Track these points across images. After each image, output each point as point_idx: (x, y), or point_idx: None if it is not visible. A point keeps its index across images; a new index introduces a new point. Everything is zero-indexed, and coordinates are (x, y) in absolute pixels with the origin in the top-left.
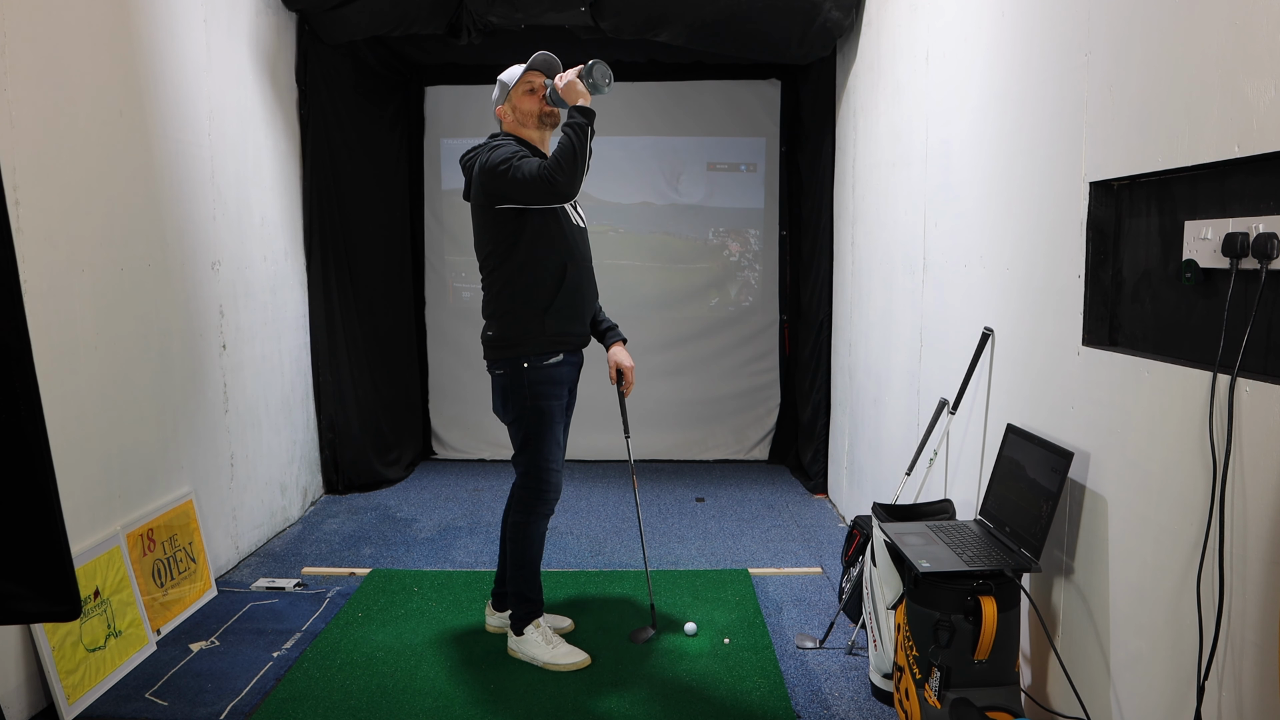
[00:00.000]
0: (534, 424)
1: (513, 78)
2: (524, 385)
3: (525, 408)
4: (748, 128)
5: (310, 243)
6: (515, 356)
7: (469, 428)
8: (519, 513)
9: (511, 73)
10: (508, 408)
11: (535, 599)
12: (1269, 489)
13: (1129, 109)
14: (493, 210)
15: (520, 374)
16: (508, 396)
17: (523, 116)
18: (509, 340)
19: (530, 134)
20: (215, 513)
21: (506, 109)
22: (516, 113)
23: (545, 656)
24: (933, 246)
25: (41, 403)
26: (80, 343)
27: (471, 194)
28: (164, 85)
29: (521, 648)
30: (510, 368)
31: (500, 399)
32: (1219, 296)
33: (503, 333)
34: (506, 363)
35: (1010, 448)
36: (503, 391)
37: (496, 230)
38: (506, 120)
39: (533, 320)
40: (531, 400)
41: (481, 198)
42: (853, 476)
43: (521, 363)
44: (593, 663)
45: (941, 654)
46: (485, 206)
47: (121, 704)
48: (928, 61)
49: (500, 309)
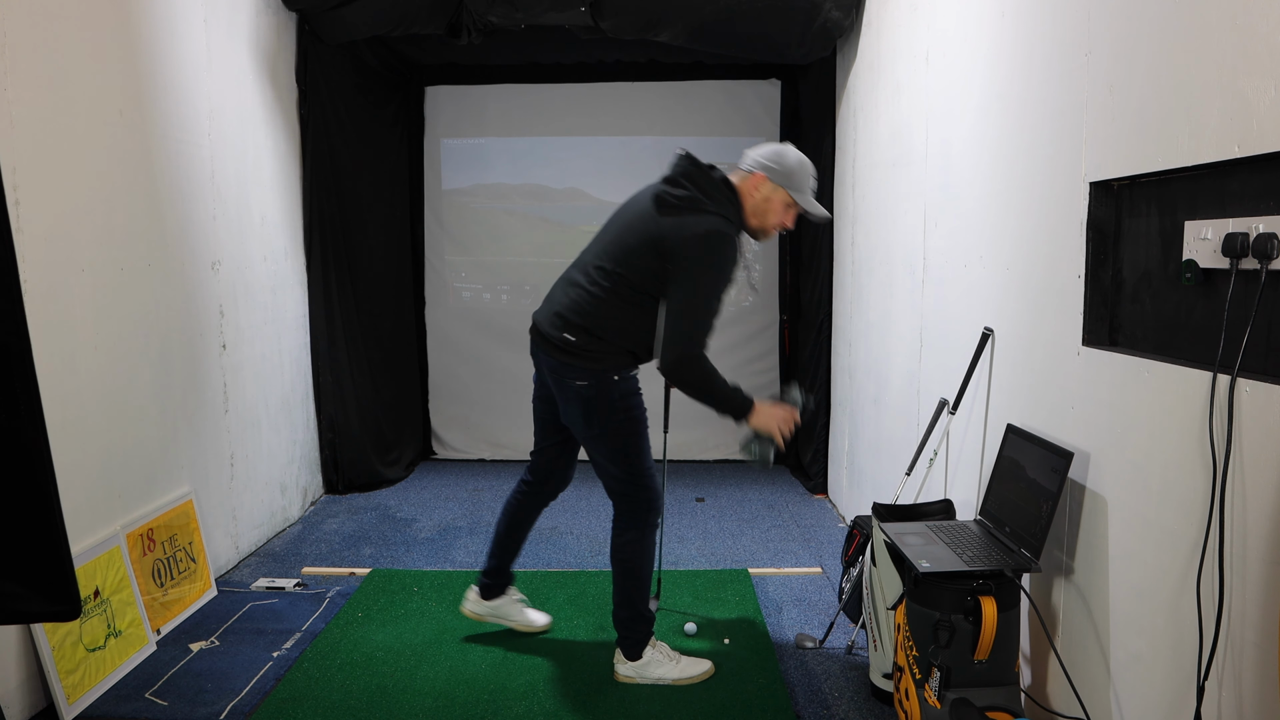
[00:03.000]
0: (630, 433)
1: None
2: (615, 397)
3: (619, 419)
4: (748, 128)
5: (310, 243)
6: (603, 370)
7: (469, 428)
8: (630, 529)
9: (805, 169)
10: (593, 420)
11: (650, 617)
12: (1269, 489)
13: (1129, 109)
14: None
15: (610, 386)
16: (593, 408)
17: (765, 215)
18: (596, 355)
19: (754, 222)
20: (215, 513)
21: (769, 192)
22: (769, 204)
23: (675, 674)
24: (933, 246)
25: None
26: (80, 343)
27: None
28: (164, 85)
29: (644, 673)
30: (596, 379)
31: (581, 411)
32: (1219, 296)
33: (592, 348)
34: (592, 375)
35: (1010, 448)
36: (585, 403)
37: (652, 272)
38: (754, 194)
39: (625, 351)
40: (624, 411)
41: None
42: (853, 476)
43: (611, 375)
44: (593, 663)
45: (941, 654)
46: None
47: (121, 704)
48: (928, 61)
49: (598, 331)
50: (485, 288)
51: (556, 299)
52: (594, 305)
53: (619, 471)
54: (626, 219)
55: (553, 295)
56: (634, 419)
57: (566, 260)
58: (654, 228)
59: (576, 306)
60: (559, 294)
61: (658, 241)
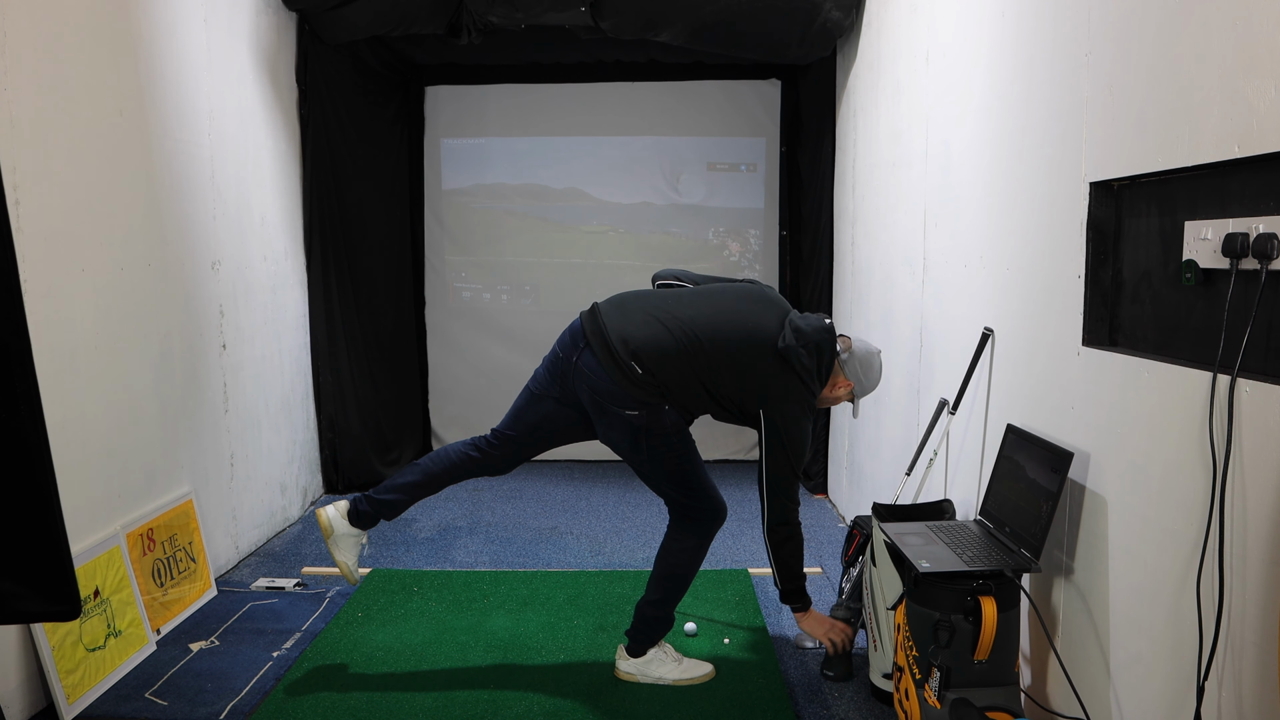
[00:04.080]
0: (683, 454)
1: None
2: (667, 424)
3: (671, 441)
4: (748, 128)
5: (310, 243)
6: (658, 403)
7: (469, 428)
8: (693, 538)
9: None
10: (640, 447)
11: (671, 622)
12: (1269, 489)
13: (1129, 109)
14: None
15: (662, 416)
16: (641, 435)
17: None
18: (652, 392)
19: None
20: (215, 512)
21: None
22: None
23: (675, 675)
24: (933, 246)
25: (41, 403)
26: (80, 343)
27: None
28: (164, 85)
29: (646, 670)
30: (649, 411)
31: (629, 438)
32: (1219, 297)
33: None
34: (645, 406)
35: (1010, 448)
36: (634, 431)
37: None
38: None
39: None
40: (675, 435)
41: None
42: (853, 476)
43: (664, 406)
44: (593, 663)
45: (941, 654)
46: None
47: (121, 704)
48: (928, 61)
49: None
50: (485, 288)
51: (635, 322)
52: (671, 360)
53: (677, 491)
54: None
55: (629, 313)
56: (685, 440)
57: (567, 260)
58: (767, 375)
59: (656, 346)
60: (638, 319)
61: (763, 390)
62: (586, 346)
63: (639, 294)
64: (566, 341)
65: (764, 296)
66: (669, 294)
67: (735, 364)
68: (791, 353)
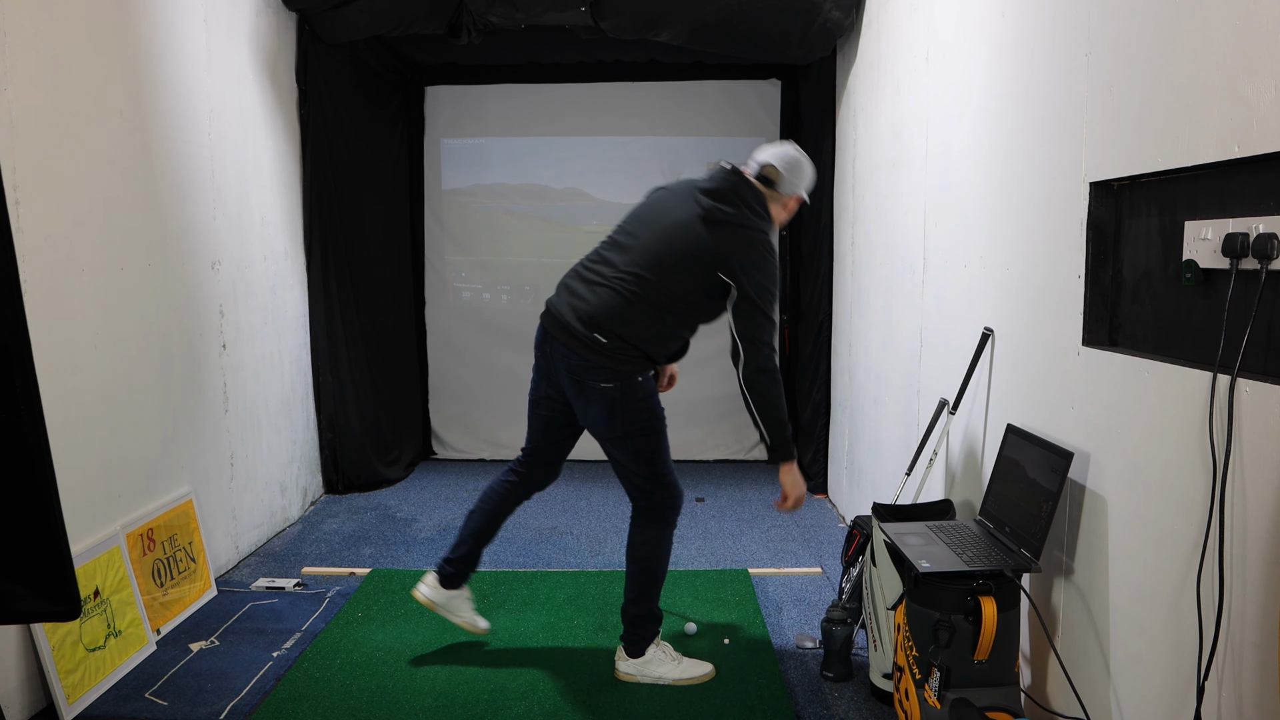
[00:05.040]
0: (654, 434)
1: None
2: (640, 397)
3: (643, 419)
4: (748, 128)
5: (310, 243)
6: (629, 372)
7: (469, 427)
8: (653, 527)
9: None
10: (615, 421)
11: (660, 616)
12: (1269, 489)
13: (1129, 109)
14: (713, 275)
15: (635, 386)
16: (617, 409)
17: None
18: (622, 357)
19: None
20: (215, 512)
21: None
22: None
23: (675, 674)
24: (933, 246)
25: (41, 403)
26: (80, 343)
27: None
28: (164, 85)
29: (645, 670)
30: (622, 380)
31: (605, 412)
32: (1219, 297)
33: (624, 350)
34: (618, 376)
35: (1010, 448)
36: (609, 405)
37: (699, 285)
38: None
39: (645, 356)
40: (647, 411)
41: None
42: (853, 476)
43: (635, 376)
44: (594, 662)
45: (941, 654)
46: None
47: (121, 704)
48: (928, 61)
49: (632, 337)
50: (485, 288)
51: (584, 298)
52: (627, 309)
53: (642, 472)
54: (664, 229)
55: (576, 293)
56: (656, 418)
57: (567, 260)
58: (707, 245)
59: (609, 309)
60: (585, 293)
61: (712, 258)
62: (554, 339)
63: (577, 269)
64: (539, 342)
65: (671, 193)
66: (601, 252)
67: (682, 265)
68: (714, 213)
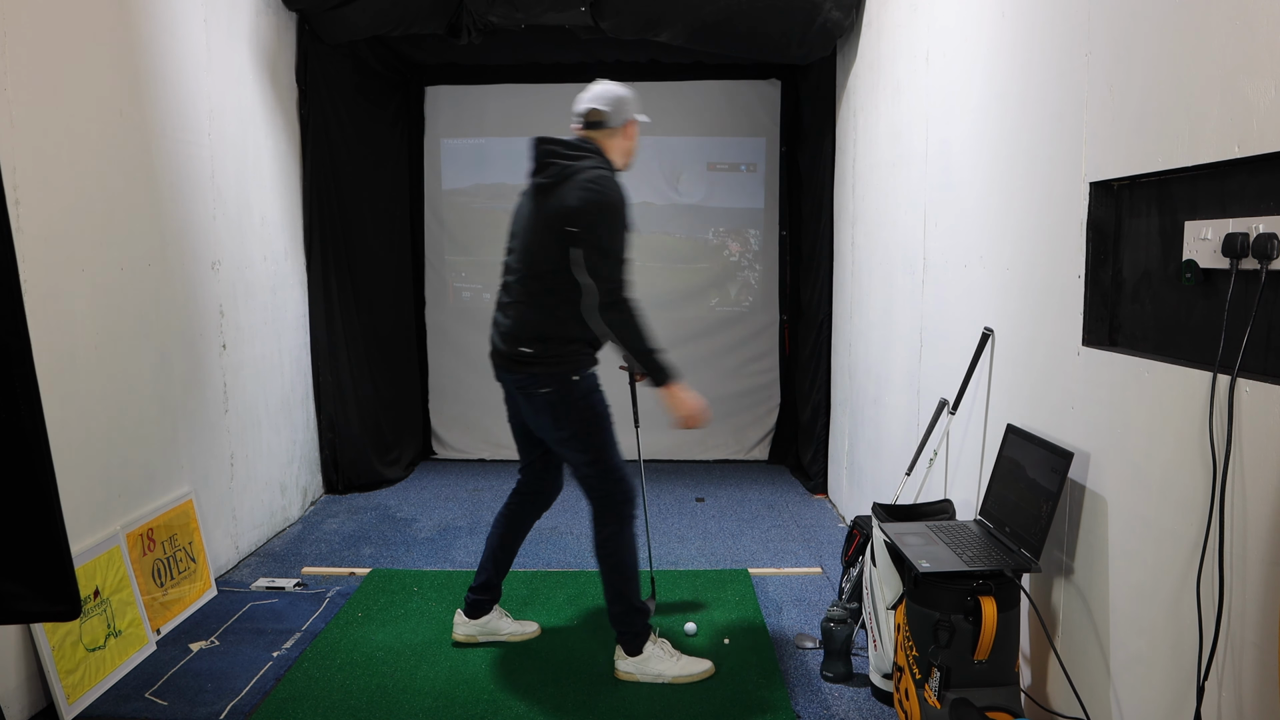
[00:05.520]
0: (597, 430)
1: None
2: (578, 397)
3: (585, 417)
4: (748, 128)
5: (310, 243)
6: (563, 373)
7: (469, 427)
8: (610, 524)
9: (627, 93)
10: (561, 424)
11: (646, 610)
12: (1269, 489)
13: (1129, 109)
14: (561, 236)
15: (571, 387)
16: (559, 412)
17: (626, 153)
18: (554, 358)
19: (625, 161)
20: (215, 512)
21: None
22: (629, 141)
23: (674, 671)
24: (933, 246)
25: (41, 403)
26: (80, 343)
27: (557, 210)
28: (164, 85)
29: (644, 668)
30: (558, 384)
31: (550, 417)
32: (1219, 297)
33: (549, 352)
34: (554, 379)
35: (1010, 448)
36: (552, 409)
37: (563, 255)
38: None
39: (579, 342)
40: (589, 409)
41: (562, 227)
42: (853, 476)
43: (571, 376)
44: (594, 662)
45: (941, 654)
46: (564, 229)
47: (121, 704)
48: (928, 61)
49: (549, 333)
50: (485, 288)
51: (502, 323)
52: (531, 313)
53: (591, 469)
54: (525, 228)
55: (498, 322)
56: (598, 414)
57: None
58: (545, 214)
59: (521, 320)
60: (502, 319)
61: (551, 219)
62: (498, 367)
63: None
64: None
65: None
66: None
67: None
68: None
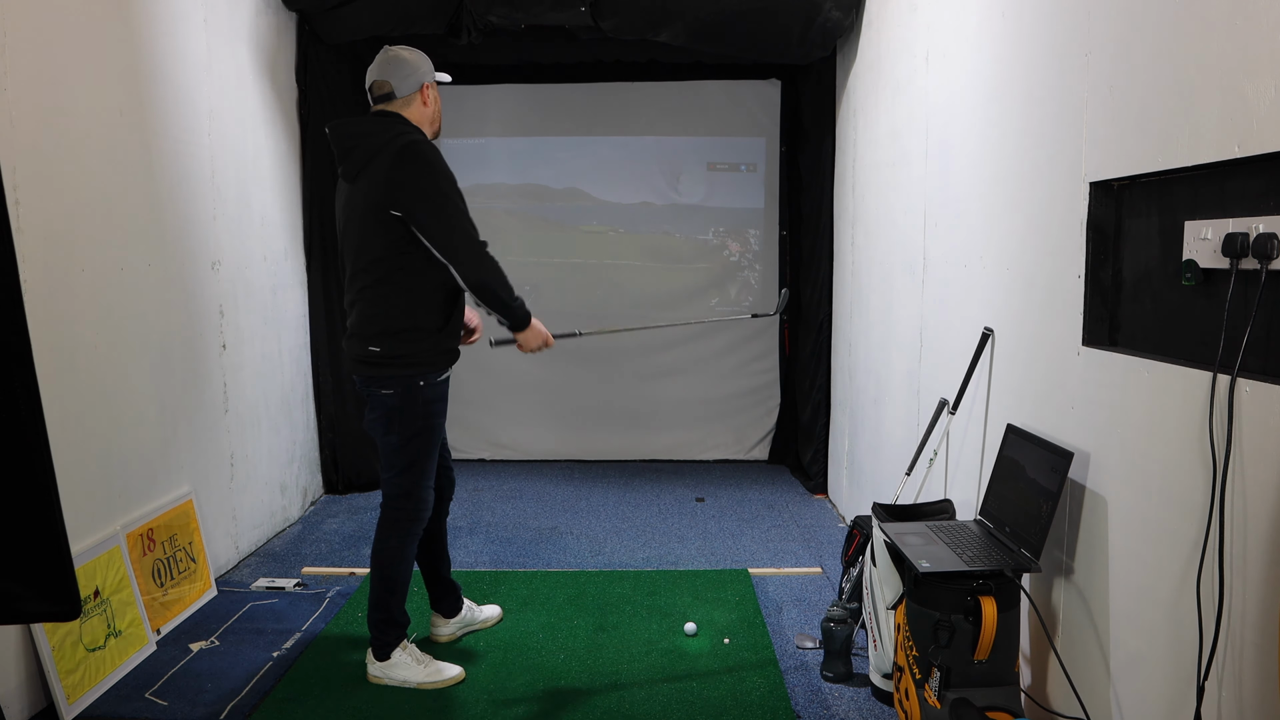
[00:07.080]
0: (425, 445)
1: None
2: (419, 405)
3: (419, 428)
4: (748, 128)
5: (310, 243)
6: (410, 375)
7: (469, 427)
8: (394, 536)
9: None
10: (393, 429)
11: (404, 622)
12: (1269, 489)
13: (1129, 109)
14: (388, 218)
15: (415, 393)
16: (395, 418)
17: (432, 119)
18: (401, 358)
19: (434, 127)
20: (215, 513)
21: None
22: (430, 106)
23: (420, 677)
24: (933, 246)
25: (41, 403)
26: (80, 343)
27: (373, 193)
28: (164, 85)
29: (390, 673)
30: (402, 387)
31: (384, 421)
32: (1219, 297)
33: (395, 350)
34: (398, 382)
35: (1010, 448)
36: (389, 412)
37: (392, 238)
38: (423, 111)
39: (427, 338)
40: (425, 420)
41: (385, 212)
42: (853, 476)
43: (417, 381)
44: (592, 663)
45: (941, 654)
46: (386, 211)
47: (121, 704)
48: (928, 61)
49: (393, 326)
50: None
51: (351, 326)
52: (371, 307)
53: (399, 481)
54: (344, 219)
55: (347, 327)
56: (430, 429)
57: (567, 260)
58: (365, 198)
59: (366, 317)
60: (350, 324)
61: (371, 208)
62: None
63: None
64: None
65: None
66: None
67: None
68: (347, 173)
